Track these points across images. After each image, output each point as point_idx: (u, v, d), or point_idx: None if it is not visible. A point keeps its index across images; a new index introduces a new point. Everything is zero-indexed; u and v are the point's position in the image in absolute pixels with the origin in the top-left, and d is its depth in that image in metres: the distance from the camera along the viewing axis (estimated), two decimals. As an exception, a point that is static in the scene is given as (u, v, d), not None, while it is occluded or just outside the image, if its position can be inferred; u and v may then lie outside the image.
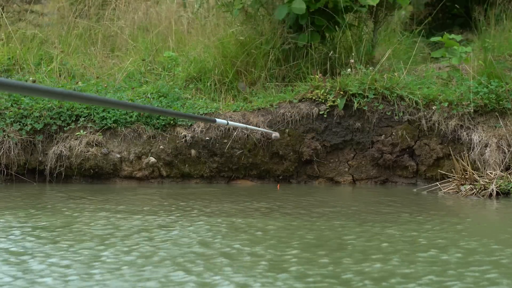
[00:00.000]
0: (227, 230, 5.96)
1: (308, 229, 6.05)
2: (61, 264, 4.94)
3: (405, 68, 9.02)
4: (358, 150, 8.68)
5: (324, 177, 8.72)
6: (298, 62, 9.17)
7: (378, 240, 5.66)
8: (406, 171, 8.62)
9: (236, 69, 9.19)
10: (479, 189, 7.87)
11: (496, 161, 8.17)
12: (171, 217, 6.50)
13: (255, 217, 6.52)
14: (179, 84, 9.22)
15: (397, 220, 6.49)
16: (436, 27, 11.57)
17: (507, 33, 10.11)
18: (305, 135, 8.65)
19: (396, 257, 5.12)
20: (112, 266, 4.88)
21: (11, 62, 9.62)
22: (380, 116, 8.61)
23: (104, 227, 6.08)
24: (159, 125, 8.60)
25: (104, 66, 9.81)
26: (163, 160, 8.60)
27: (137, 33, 10.40)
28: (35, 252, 5.24)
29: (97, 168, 8.55)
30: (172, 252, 5.24)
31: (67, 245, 5.44)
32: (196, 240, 5.61)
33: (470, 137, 8.37)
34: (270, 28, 9.28)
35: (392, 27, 10.42)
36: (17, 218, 6.44)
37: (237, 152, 8.60)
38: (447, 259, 5.11)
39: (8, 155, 8.47)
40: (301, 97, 8.73)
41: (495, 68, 8.75)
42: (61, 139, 8.57)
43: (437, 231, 6.02)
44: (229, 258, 5.04)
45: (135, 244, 5.46)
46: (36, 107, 8.61)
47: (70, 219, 6.41)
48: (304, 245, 5.46)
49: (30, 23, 10.75)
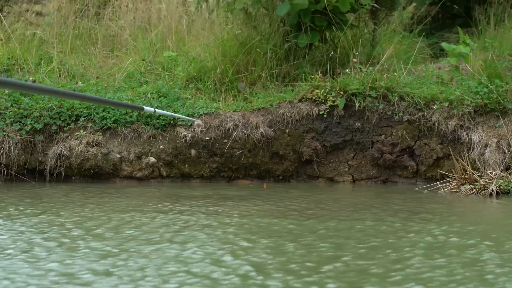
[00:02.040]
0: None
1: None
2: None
3: (405, 68, 9.02)
4: (358, 150, 8.68)
5: (324, 177, 8.72)
6: (298, 62, 9.17)
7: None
8: (406, 171, 8.62)
9: (236, 69, 9.18)
10: (479, 189, 7.87)
11: (496, 161, 8.17)
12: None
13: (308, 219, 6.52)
14: (179, 84, 9.21)
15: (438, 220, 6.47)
16: (436, 27, 11.57)
17: (507, 33, 10.10)
18: (305, 135, 8.64)
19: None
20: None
21: (11, 62, 9.61)
22: (380, 116, 8.61)
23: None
24: (159, 125, 8.60)
25: (104, 66, 9.80)
26: (163, 160, 8.60)
27: (137, 33, 10.40)
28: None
29: (97, 168, 8.55)
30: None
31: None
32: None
33: (470, 137, 8.37)
34: (270, 28, 9.28)
35: (393, 27, 10.42)
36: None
37: (237, 152, 8.60)
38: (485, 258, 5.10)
39: (8, 155, 8.47)
40: (301, 97, 8.73)
41: (496, 68, 8.74)
42: (61, 139, 8.57)
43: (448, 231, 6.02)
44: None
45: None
46: (36, 107, 8.61)
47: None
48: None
49: (30, 23, 10.75)
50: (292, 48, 9.23)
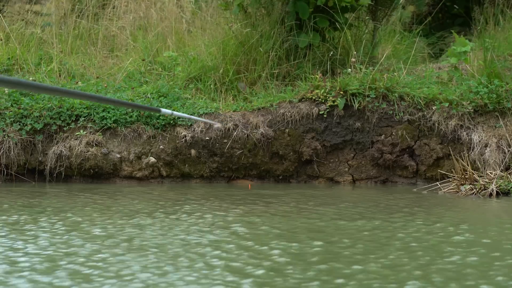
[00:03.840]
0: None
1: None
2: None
3: (405, 68, 9.02)
4: (358, 150, 8.68)
5: (324, 177, 8.72)
6: (298, 61, 9.17)
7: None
8: (406, 171, 8.62)
9: (236, 68, 9.18)
10: (479, 189, 7.87)
11: (496, 161, 8.17)
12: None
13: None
14: (179, 84, 9.21)
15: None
16: (436, 27, 11.57)
17: (506, 33, 10.10)
18: (305, 135, 8.65)
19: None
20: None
21: (10, 62, 9.61)
22: (380, 116, 8.61)
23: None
24: (159, 125, 8.60)
25: (104, 66, 9.80)
26: (163, 160, 8.60)
27: (137, 33, 10.40)
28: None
29: (97, 168, 8.55)
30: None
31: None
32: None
33: (470, 137, 8.37)
34: (270, 27, 9.27)
35: (392, 27, 10.42)
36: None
37: (237, 152, 8.60)
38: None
39: (8, 155, 8.47)
40: (301, 97, 8.73)
41: (495, 68, 8.74)
42: (61, 139, 8.57)
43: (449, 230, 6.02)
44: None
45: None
46: (36, 107, 8.61)
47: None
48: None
49: (29, 23, 10.75)
50: (292, 48, 9.22)
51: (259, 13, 9.49)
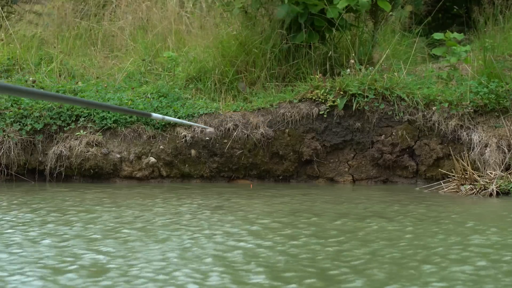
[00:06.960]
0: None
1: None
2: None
3: (404, 68, 9.02)
4: (358, 150, 8.68)
5: (324, 177, 8.72)
6: (298, 62, 9.17)
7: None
8: (406, 171, 8.62)
9: (236, 69, 9.18)
10: (479, 189, 7.87)
11: (496, 161, 8.18)
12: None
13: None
14: (179, 84, 9.21)
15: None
16: (436, 27, 11.57)
17: (506, 33, 10.11)
18: (305, 135, 8.65)
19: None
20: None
21: (11, 62, 9.61)
22: (380, 116, 8.61)
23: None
24: (159, 125, 8.60)
25: (104, 66, 9.80)
26: (163, 160, 8.60)
27: (136, 33, 10.40)
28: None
29: (97, 168, 8.55)
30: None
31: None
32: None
33: (470, 137, 8.37)
34: (270, 28, 9.27)
35: (392, 27, 10.42)
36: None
37: (237, 152, 8.60)
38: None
39: (8, 155, 8.47)
40: (301, 97, 8.73)
41: (495, 68, 8.75)
42: (61, 139, 8.57)
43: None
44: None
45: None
46: (36, 107, 8.61)
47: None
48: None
49: (30, 23, 10.75)
50: (292, 48, 9.23)
51: (259, 14, 9.49)
